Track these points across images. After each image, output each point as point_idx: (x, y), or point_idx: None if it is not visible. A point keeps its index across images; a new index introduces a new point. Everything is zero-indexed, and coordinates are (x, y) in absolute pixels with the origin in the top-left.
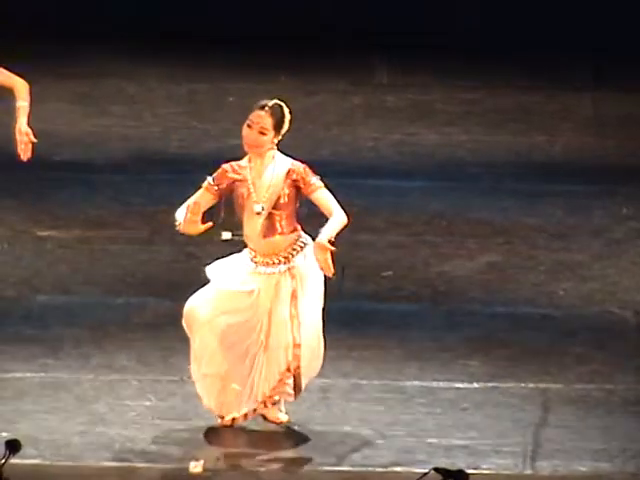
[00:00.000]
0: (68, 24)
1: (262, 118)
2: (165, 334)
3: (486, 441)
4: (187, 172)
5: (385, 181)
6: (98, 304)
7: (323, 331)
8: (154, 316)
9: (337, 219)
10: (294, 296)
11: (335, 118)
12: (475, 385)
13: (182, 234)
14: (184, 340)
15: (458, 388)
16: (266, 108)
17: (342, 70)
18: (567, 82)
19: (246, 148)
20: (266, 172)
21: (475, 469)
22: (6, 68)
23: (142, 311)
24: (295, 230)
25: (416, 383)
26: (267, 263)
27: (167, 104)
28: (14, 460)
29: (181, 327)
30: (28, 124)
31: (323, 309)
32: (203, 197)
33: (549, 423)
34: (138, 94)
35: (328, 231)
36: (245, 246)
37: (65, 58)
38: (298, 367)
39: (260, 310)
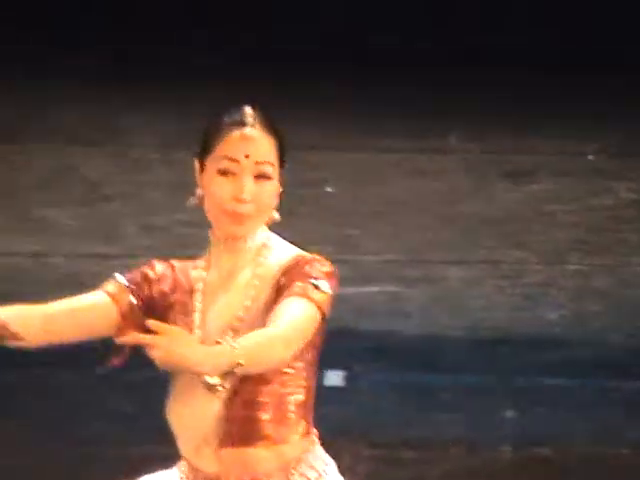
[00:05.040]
0: None
1: (260, 144)
2: None
3: None
4: None
5: None
6: None
7: None
8: None
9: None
10: None
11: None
12: None
13: None
14: None
15: None
16: (252, 121)
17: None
18: None
19: (233, 228)
20: (234, 285)
21: None
22: None
23: None
24: (307, 432)
25: None
26: None
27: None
28: None
29: None
30: None
31: None
32: (95, 307)
33: None
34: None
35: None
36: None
37: None
38: None
39: None
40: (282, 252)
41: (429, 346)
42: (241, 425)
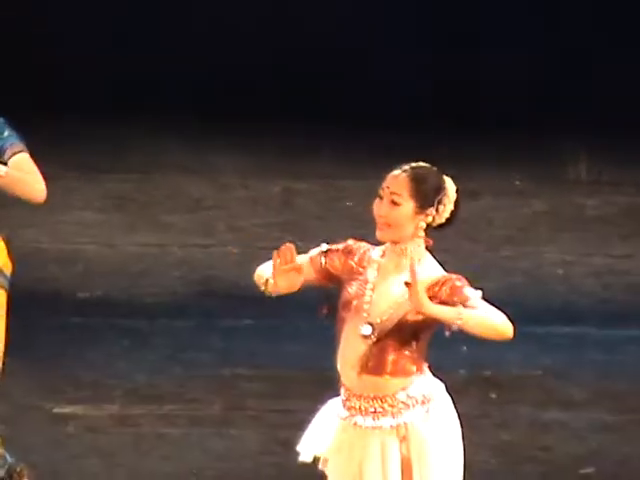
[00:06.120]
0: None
1: (397, 181)
2: None
3: None
4: (281, 316)
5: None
6: None
7: None
8: None
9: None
10: (407, 469)
11: (507, 231)
12: None
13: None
14: None
15: None
16: (405, 169)
17: (517, 162)
18: None
19: (378, 233)
20: (398, 277)
21: None
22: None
23: None
24: (417, 371)
25: None
26: (365, 411)
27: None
28: None
29: None
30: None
31: None
32: (306, 266)
33: None
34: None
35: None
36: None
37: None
38: None
39: None
40: (433, 270)
41: None
42: (375, 361)
